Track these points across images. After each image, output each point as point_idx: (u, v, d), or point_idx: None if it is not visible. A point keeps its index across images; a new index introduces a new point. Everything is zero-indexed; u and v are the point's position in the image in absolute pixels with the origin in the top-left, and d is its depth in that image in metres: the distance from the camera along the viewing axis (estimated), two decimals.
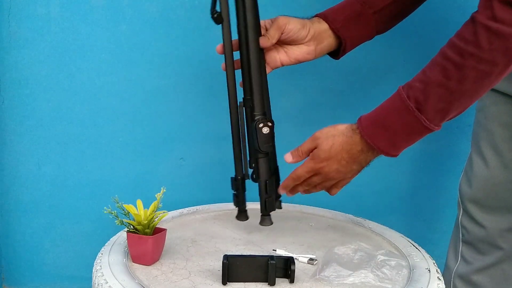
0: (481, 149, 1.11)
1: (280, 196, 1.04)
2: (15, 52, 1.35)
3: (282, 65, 1.01)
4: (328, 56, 1.05)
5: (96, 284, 0.86)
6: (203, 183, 1.45)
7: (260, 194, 0.98)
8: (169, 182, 1.25)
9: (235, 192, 1.01)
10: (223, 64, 0.97)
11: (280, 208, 1.04)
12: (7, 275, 1.51)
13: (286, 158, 0.97)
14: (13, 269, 1.50)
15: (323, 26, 0.99)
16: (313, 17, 1.01)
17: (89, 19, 1.34)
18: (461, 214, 1.17)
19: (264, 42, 0.95)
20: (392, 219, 1.29)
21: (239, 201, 1.01)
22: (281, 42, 0.98)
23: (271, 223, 1.00)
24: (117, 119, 1.41)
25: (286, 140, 1.01)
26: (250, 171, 1.00)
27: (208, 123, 1.42)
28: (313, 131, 0.96)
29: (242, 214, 1.03)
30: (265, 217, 1.00)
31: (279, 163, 1.01)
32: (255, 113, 0.95)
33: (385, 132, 0.86)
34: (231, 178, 1.01)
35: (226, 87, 0.96)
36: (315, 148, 0.93)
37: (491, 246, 1.12)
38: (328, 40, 1.00)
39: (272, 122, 0.95)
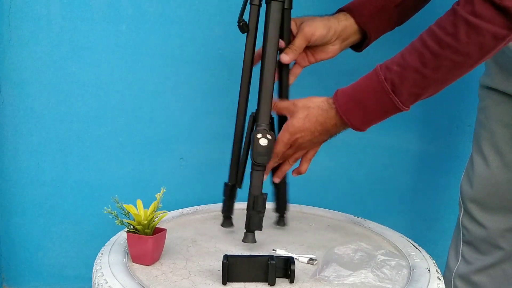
0: (482, 149, 1.11)
1: (285, 210, 1.07)
2: (15, 52, 1.35)
3: (310, 64, 1.05)
4: None
5: (96, 284, 0.86)
6: (203, 183, 1.45)
7: (247, 208, 0.95)
8: (169, 182, 1.25)
9: (224, 198, 1.03)
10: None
11: (284, 225, 1.08)
12: (7, 275, 1.51)
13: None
14: (13, 269, 1.50)
15: (349, 20, 1.02)
16: (338, 11, 1.03)
17: (89, 19, 1.34)
18: (462, 214, 1.17)
19: (290, 56, 0.99)
20: (392, 219, 1.29)
21: (225, 207, 1.03)
22: (307, 47, 1.02)
23: (254, 241, 0.96)
24: (117, 119, 1.41)
25: None
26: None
27: (208, 123, 1.42)
28: None
29: (227, 221, 1.05)
30: (248, 234, 0.95)
31: None
32: (258, 123, 0.94)
33: (360, 110, 0.89)
34: (224, 183, 1.02)
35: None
36: (290, 114, 0.95)
37: (491, 246, 1.12)
38: (353, 36, 1.03)
39: (273, 135, 0.93)
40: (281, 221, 1.09)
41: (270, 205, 1.19)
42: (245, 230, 0.96)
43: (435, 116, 1.48)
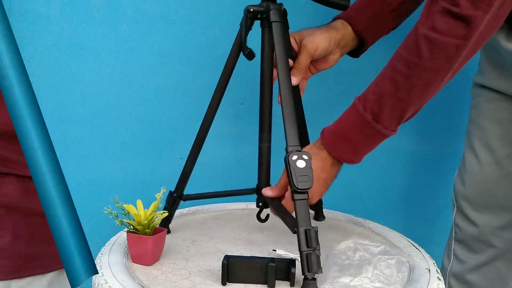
0: (474, 146, 1.11)
1: (321, 205, 1.11)
2: None
3: (313, 75, 1.06)
4: None
5: (96, 284, 0.86)
6: (203, 183, 1.45)
7: (299, 248, 0.80)
8: (169, 182, 1.25)
9: (167, 205, 1.02)
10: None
11: (324, 218, 1.12)
12: None
13: (265, 192, 0.95)
14: None
15: (346, 28, 1.02)
16: (335, 19, 1.03)
17: (89, 19, 1.34)
18: (455, 212, 1.17)
19: (298, 77, 0.98)
20: (392, 219, 1.29)
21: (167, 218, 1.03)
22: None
23: None
24: (117, 119, 1.41)
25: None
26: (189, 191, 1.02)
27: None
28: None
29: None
30: (310, 283, 0.79)
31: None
32: (288, 147, 0.83)
33: (347, 144, 0.89)
34: (170, 191, 1.02)
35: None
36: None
37: (483, 244, 1.12)
38: (350, 43, 1.04)
39: (309, 155, 0.82)
40: (320, 216, 1.14)
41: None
42: (303, 277, 0.80)
43: (436, 116, 1.48)
